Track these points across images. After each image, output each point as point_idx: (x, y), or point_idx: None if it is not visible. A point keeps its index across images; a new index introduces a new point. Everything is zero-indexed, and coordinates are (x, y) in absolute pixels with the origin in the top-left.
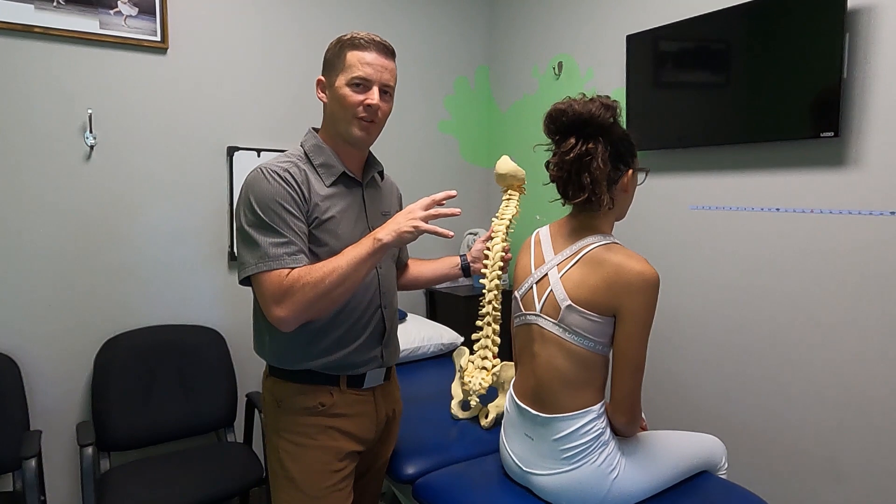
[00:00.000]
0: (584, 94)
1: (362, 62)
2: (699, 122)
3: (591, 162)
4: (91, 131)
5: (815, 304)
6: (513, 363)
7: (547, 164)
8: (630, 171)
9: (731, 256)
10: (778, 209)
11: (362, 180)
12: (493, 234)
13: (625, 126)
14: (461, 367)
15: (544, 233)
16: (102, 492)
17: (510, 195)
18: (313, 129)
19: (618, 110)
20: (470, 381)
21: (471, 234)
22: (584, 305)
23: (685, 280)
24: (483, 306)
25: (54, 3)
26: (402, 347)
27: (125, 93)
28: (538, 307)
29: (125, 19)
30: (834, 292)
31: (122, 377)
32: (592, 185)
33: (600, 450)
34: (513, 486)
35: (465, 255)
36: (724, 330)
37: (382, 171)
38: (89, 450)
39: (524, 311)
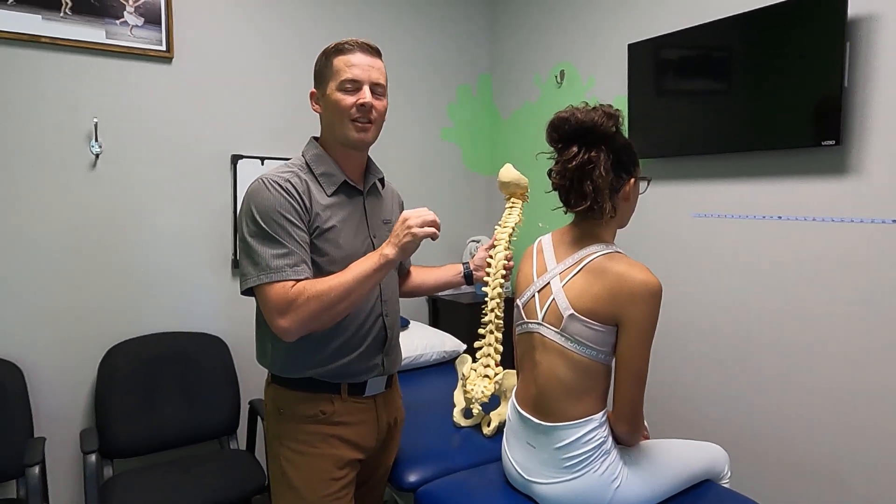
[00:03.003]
0: (587, 103)
1: (348, 65)
2: (701, 130)
3: (593, 170)
4: (97, 140)
5: (816, 311)
6: (515, 371)
7: (549, 172)
8: (632, 180)
9: (733, 264)
10: (780, 217)
11: (363, 188)
12: (495, 242)
13: (626, 134)
14: (464, 374)
15: (546, 241)
16: (105, 499)
17: (513, 203)
18: (314, 137)
19: (620, 119)
20: (472, 389)
21: (473, 241)
22: (586, 314)
23: (687, 288)
24: (485, 314)
25: (61, 14)
26: (404, 355)
27: (131, 102)
28: (540, 316)
29: (131, 29)
30: (836, 300)
31: (125, 384)
32: (594, 194)
33: (602, 459)
34: (515, 495)
35: (467, 262)
36: (726, 338)
37: (383, 179)
38: (92, 457)
39: (526, 320)
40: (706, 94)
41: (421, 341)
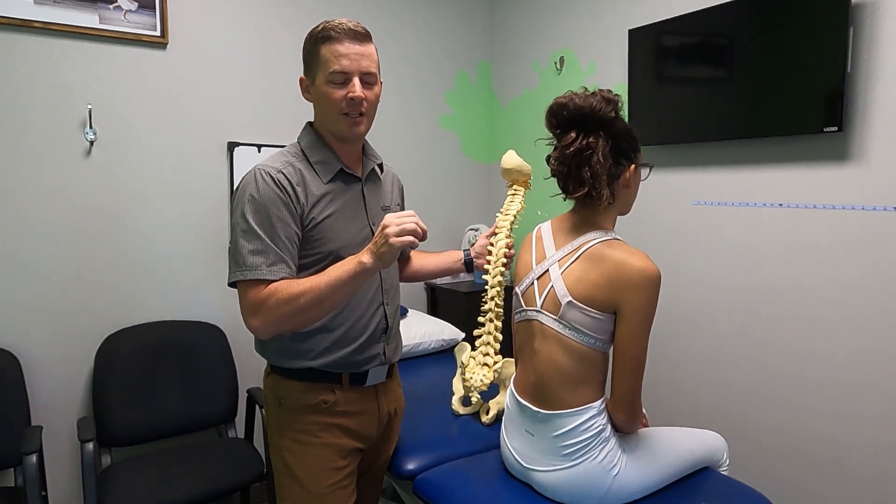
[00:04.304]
0: (586, 89)
1: (336, 55)
2: (702, 117)
3: (591, 156)
4: (91, 126)
5: (817, 299)
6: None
7: (548, 159)
8: (632, 166)
9: (733, 252)
10: (781, 204)
11: (361, 175)
12: (496, 230)
13: (627, 121)
14: (462, 363)
15: (546, 228)
16: (103, 487)
17: (515, 190)
18: (309, 123)
19: (619, 104)
20: (471, 378)
21: (472, 229)
22: (584, 302)
23: (687, 276)
24: (485, 302)
25: None
26: (403, 342)
27: (125, 88)
28: (539, 303)
29: (125, 14)
30: (836, 287)
31: (123, 373)
32: (592, 180)
33: (601, 446)
34: (513, 483)
35: (468, 249)
36: (725, 326)
37: (381, 164)
38: (90, 445)
39: (525, 307)
40: (708, 81)
41: (419, 329)
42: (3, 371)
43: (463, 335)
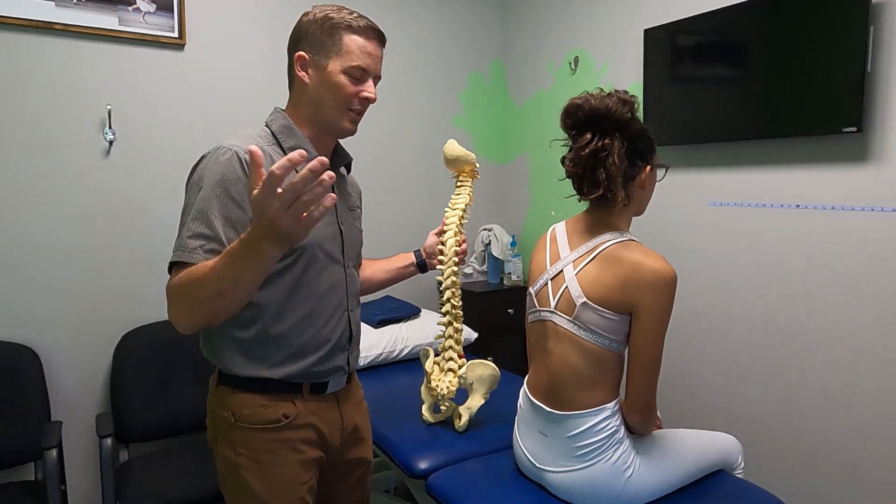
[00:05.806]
0: (602, 89)
1: (364, 51)
2: (718, 117)
3: (606, 157)
4: (110, 127)
5: (834, 301)
6: (480, 361)
7: (563, 160)
8: (648, 168)
9: (750, 253)
10: (798, 206)
11: (331, 167)
12: (445, 227)
13: (642, 122)
14: (427, 371)
15: (560, 229)
16: (121, 482)
17: (461, 182)
18: (279, 108)
19: (635, 105)
20: (437, 386)
21: (485, 229)
22: (599, 303)
23: (703, 277)
24: (442, 304)
25: (74, 1)
26: (415, 342)
27: (144, 89)
28: (553, 304)
29: (143, 16)
30: (854, 289)
31: (140, 369)
32: (608, 181)
33: (615, 448)
34: (526, 483)
35: (419, 250)
36: (741, 327)
37: (350, 164)
38: (108, 441)
39: (538, 308)
40: (724, 80)
41: (432, 329)
42: (24, 367)
43: (476, 335)
